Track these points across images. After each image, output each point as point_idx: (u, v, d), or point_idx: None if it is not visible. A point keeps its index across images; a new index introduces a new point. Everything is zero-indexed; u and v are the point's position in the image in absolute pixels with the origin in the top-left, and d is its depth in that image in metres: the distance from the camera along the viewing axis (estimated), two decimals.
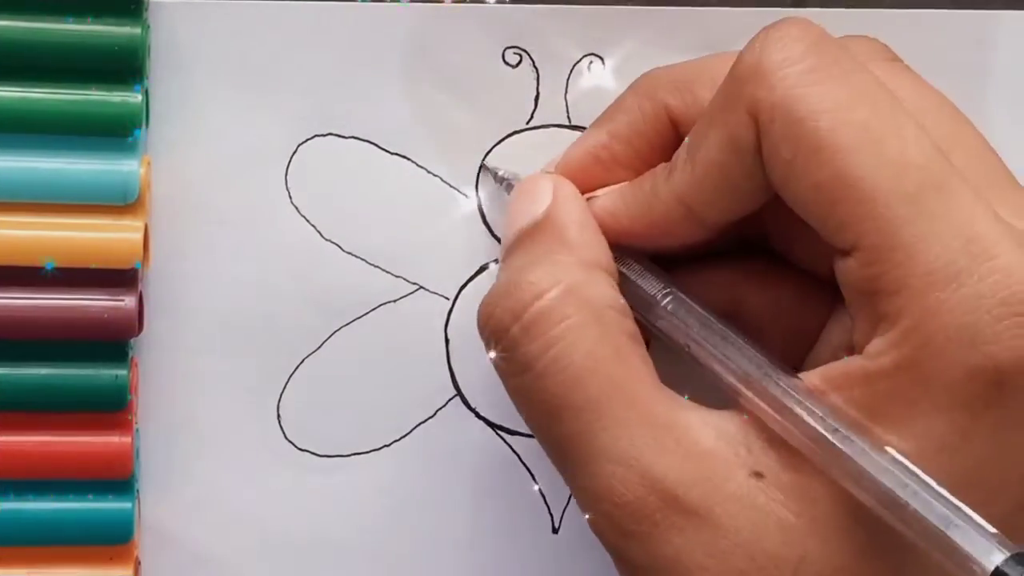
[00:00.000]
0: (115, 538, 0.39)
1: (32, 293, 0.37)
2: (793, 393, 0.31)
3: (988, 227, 0.30)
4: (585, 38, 0.39)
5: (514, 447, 0.40)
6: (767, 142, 0.32)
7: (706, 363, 0.33)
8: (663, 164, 0.35)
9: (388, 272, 0.40)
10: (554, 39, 0.39)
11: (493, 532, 0.40)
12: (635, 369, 0.33)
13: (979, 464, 0.30)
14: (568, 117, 0.40)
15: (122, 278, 0.38)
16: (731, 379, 0.33)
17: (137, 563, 0.39)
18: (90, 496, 0.38)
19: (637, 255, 0.36)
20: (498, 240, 0.40)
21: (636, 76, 0.39)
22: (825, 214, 0.31)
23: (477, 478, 0.40)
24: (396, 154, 0.39)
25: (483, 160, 0.39)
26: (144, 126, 0.38)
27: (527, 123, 0.40)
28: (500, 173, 0.39)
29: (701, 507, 0.31)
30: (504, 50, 0.39)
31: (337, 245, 0.40)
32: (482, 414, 0.40)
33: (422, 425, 0.40)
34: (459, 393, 0.40)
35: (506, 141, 0.40)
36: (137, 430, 0.39)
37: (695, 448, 0.32)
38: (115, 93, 0.37)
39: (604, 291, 0.34)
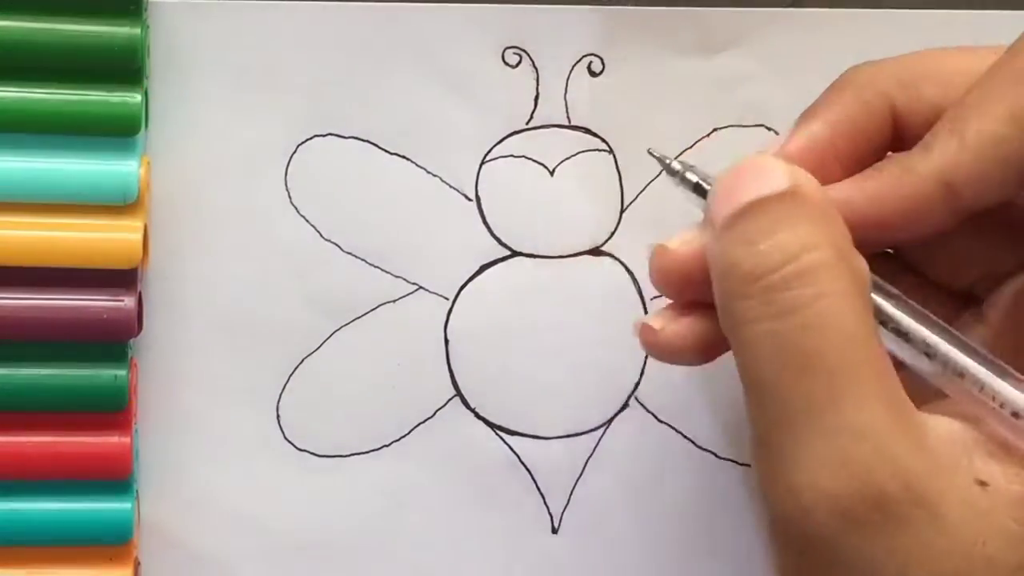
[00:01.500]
0: (114, 538, 0.39)
1: (32, 293, 0.37)
2: None
3: None
4: (585, 38, 0.39)
5: (514, 447, 0.40)
6: None
7: (942, 368, 0.32)
8: (912, 149, 0.33)
9: (388, 272, 0.40)
10: (554, 39, 0.39)
11: (493, 532, 0.40)
12: (885, 353, 0.31)
13: None
14: (568, 117, 0.40)
15: (121, 278, 0.38)
16: (967, 385, 0.32)
17: (136, 563, 0.39)
18: (89, 496, 0.38)
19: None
20: (498, 240, 0.40)
21: (636, 76, 0.39)
22: None
23: (477, 478, 0.40)
24: (396, 154, 0.39)
25: (673, 160, 0.36)
26: (144, 126, 0.38)
27: (527, 123, 0.40)
28: (688, 175, 0.35)
29: (933, 501, 0.30)
30: (504, 50, 0.39)
31: (337, 245, 0.40)
32: (482, 414, 0.40)
33: (422, 425, 0.40)
34: (459, 393, 0.40)
35: (506, 141, 0.40)
36: (136, 430, 0.39)
37: (929, 445, 0.31)
38: (115, 93, 0.37)
39: (866, 269, 0.32)
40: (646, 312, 0.40)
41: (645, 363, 0.40)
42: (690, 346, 0.34)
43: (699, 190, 0.34)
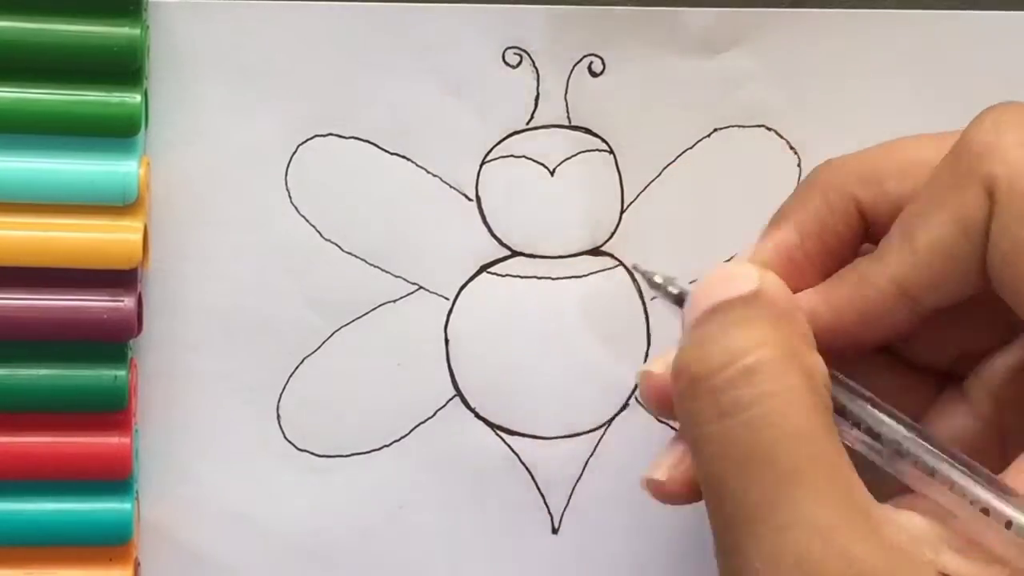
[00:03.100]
0: (114, 539, 0.39)
1: (32, 293, 0.37)
2: (1001, 501, 0.31)
3: None
4: (585, 38, 0.39)
5: (514, 447, 0.40)
6: (1000, 218, 0.31)
7: (911, 471, 0.33)
8: (867, 255, 0.34)
9: (388, 272, 0.40)
10: (554, 39, 0.39)
11: (493, 532, 0.40)
12: (840, 448, 0.32)
13: None
14: (568, 117, 0.40)
15: (121, 279, 0.38)
16: (938, 487, 0.32)
17: (136, 564, 0.39)
18: (89, 496, 0.38)
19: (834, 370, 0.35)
20: (498, 240, 0.40)
21: (636, 76, 0.39)
22: None
23: (477, 478, 0.40)
24: (396, 154, 0.39)
25: (656, 274, 0.36)
26: (143, 126, 0.38)
27: (527, 123, 0.40)
28: (656, 278, 0.36)
29: None
30: (504, 50, 0.39)
31: (337, 245, 0.40)
32: (482, 414, 0.40)
33: (422, 425, 0.40)
34: (459, 393, 0.40)
35: (506, 141, 0.40)
36: (136, 430, 0.39)
37: (887, 539, 0.31)
38: (115, 93, 0.37)
39: (821, 366, 0.33)
40: (646, 312, 0.40)
41: (645, 363, 0.40)
42: (696, 492, 0.34)
43: (680, 301, 0.35)
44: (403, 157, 0.39)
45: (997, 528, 0.31)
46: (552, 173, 0.40)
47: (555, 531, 0.40)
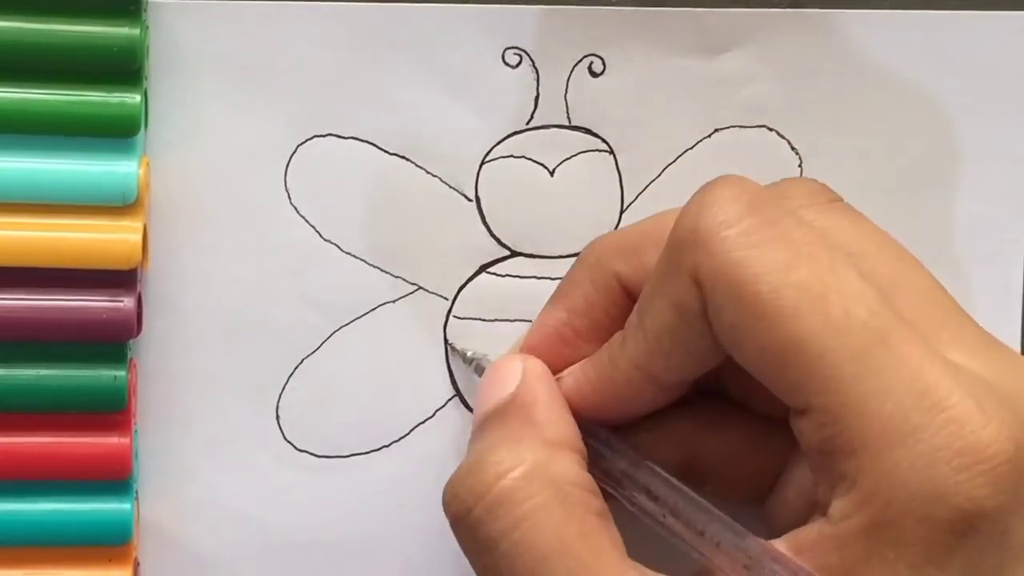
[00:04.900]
0: (114, 539, 0.39)
1: (31, 294, 0.37)
2: (770, 562, 0.31)
3: (938, 377, 0.30)
4: (585, 38, 0.39)
5: None
6: (712, 307, 0.32)
7: (680, 534, 0.34)
8: (619, 333, 0.35)
9: (388, 272, 0.40)
10: (554, 39, 0.39)
11: None
12: (602, 548, 0.32)
13: None
14: (568, 117, 0.40)
15: (121, 279, 0.38)
16: (706, 549, 0.33)
17: (136, 564, 0.39)
18: (89, 497, 0.38)
19: (606, 430, 0.36)
20: (498, 240, 0.40)
21: (636, 76, 0.39)
22: (775, 376, 0.31)
23: None
24: (396, 154, 0.39)
25: (448, 340, 0.40)
26: (143, 127, 0.38)
27: (527, 123, 0.40)
28: (469, 354, 0.39)
29: None
30: (504, 50, 0.39)
31: (337, 245, 0.40)
32: None
33: (421, 425, 0.40)
34: (458, 393, 0.40)
35: (506, 141, 0.40)
36: (136, 431, 0.39)
37: None
38: (114, 94, 0.37)
39: (569, 469, 0.34)
40: None
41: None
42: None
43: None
44: (403, 157, 0.39)
45: None
46: (552, 173, 0.40)
47: None
